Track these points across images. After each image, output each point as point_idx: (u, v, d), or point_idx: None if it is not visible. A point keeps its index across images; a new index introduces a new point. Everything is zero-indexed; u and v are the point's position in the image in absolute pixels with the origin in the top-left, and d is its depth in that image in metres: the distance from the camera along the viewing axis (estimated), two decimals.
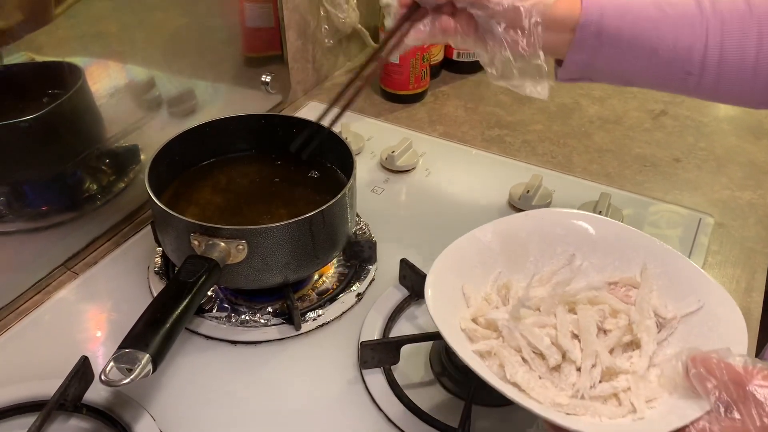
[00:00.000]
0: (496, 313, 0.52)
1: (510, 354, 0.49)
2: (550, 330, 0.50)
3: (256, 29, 0.97)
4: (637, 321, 0.50)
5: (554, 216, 0.58)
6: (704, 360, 0.42)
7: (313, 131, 0.69)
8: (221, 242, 0.61)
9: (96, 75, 0.75)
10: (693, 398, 0.42)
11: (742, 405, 0.40)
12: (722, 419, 0.40)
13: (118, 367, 0.50)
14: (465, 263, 0.54)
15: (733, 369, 0.41)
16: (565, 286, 0.53)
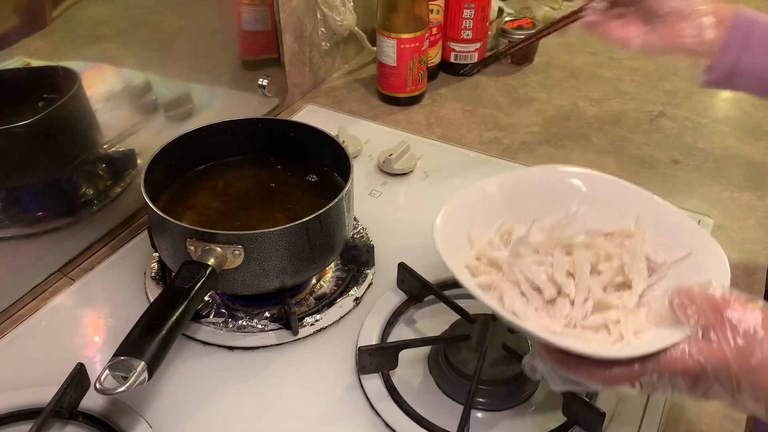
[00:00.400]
0: (497, 252, 0.55)
1: (509, 287, 0.52)
2: (547, 268, 0.52)
3: (253, 32, 0.97)
4: (629, 264, 0.52)
5: (556, 172, 0.61)
6: (687, 291, 0.45)
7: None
8: (217, 247, 0.60)
9: (92, 79, 0.75)
10: (676, 327, 0.45)
11: (719, 329, 0.43)
12: (700, 342, 0.43)
13: (114, 375, 0.49)
14: (470, 212, 0.57)
15: (712, 297, 0.44)
16: (563, 230, 0.55)
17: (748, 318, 0.43)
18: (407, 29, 0.98)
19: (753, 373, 0.42)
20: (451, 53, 1.12)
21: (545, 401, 0.61)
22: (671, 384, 0.44)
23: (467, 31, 1.09)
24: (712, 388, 0.43)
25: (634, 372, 0.45)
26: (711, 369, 0.43)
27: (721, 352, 0.42)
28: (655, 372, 0.44)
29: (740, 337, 0.42)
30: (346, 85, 1.12)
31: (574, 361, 0.46)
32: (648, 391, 0.46)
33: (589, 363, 0.45)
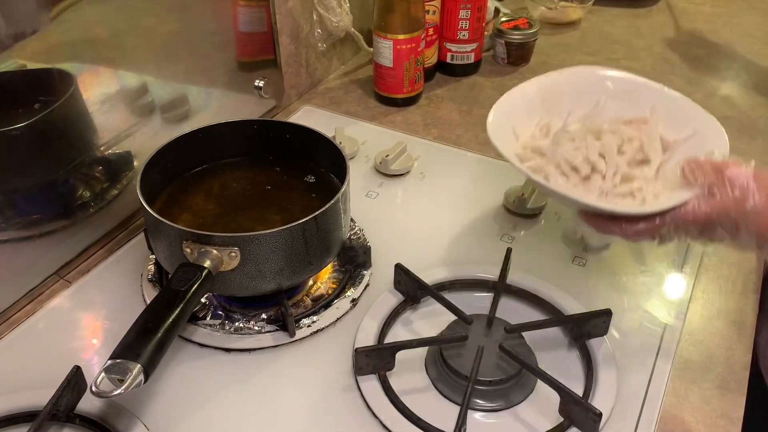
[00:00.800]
0: (540, 141, 0.67)
1: (552, 169, 0.64)
2: (582, 151, 0.64)
3: (249, 34, 0.97)
4: (647, 143, 0.65)
5: (584, 72, 0.73)
6: (694, 159, 0.58)
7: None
8: (213, 249, 0.60)
9: (88, 82, 0.74)
10: (687, 189, 0.57)
11: (720, 185, 0.55)
12: (707, 197, 0.56)
13: (110, 377, 0.49)
14: (513, 111, 0.69)
15: (714, 162, 0.57)
16: (592, 120, 0.68)
17: (742, 175, 0.55)
18: (403, 30, 0.98)
19: (748, 216, 0.54)
20: (448, 54, 1.12)
21: (542, 402, 0.61)
22: (685, 232, 0.57)
23: (463, 32, 1.09)
24: (716, 232, 0.56)
25: (655, 225, 0.57)
26: (716, 216, 0.55)
27: (722, 203, 0.55)
28: (672, 223, 0.57)
29: (737, 189, 0.55)
30: (343, 86, 1.12)
31: (608, 221, 0.59)
32: (666, 240, 0.58)
33: (621, 221, 0.58)
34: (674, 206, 0.56)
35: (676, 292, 0.73)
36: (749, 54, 1.22)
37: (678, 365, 0.65)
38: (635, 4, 1.40)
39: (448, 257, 0.76)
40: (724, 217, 0.55)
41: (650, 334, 0.68)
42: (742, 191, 0.54)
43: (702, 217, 0.56)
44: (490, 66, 1.17)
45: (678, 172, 0.59)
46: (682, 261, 0.77)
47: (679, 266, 0.76)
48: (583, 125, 0.67)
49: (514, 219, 0.82)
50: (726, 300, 0.73)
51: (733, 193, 0.55)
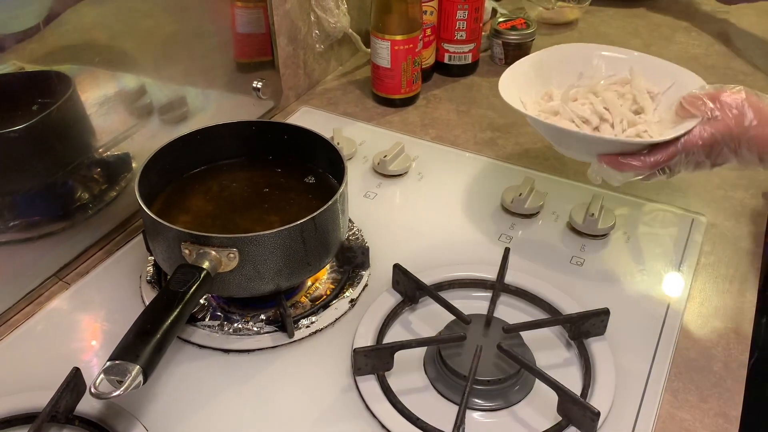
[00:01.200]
0: (551, 103, 0.78)
1: (567, 124, 0.73)
2: (589, 105, 0.75)
3: (247, 35, 0.97)
4: (638, 95, 0.76)
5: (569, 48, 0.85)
6: (690, 93, 0.66)
7: None
8: (212, 251, 0.60)
9: (86, 84, 0.75)
10: (689, 121, 0.66)
11: (719, 109, 0.64)
12: (710, 121, 0.64)
13: (108, 379, 0.50)
14: (517, 84, 0.78)
15: (710, 91, 0.66)
16: (590, 81, 0.80)
17: (736, 98, 0.64)
18: (401, 31, 0.98)
19: (747, 131, 0.62)
20: (445, 54, 1.12)
21: (540, 401, 0.61)
22: (695, 157, 0.65)
23: (461, 32, 1.09)
24: (721, 153, 0.64)
25: (669, 153, 0.65)
26: (720, 136, 0.63)
27: (724, 123, 0.63)
28: (684, 149, 0.64)
29: (734, 110, 0.63)
30: (341, 87, 1.12)
31: (628, 157, 0.66)
32: (676, 170, 0.66)
33: (638, 155, 0.66)
34: (685, 133, 0.64)
35: (674, 291, 0.73)
36: (748, 50, 1.23)
37: (676, 364, 0.65)
38: (632, 4, 1.40)
39: (446, 257, 0.76)
40: (727, 135, 0.63)
41: (648, 333, 0.68)
42: (740, 111, 0.62)
43: (709, 138, 0.63)
44: (488, 66, 1.18)
45: (673, 112, 0.69)
46: (680, 260, 0.77)
47: (677, 265, 0.76)
48: (582, 88, 0.79)
49: (512, 219, 0.83)
50: (723, 299, 0.73)
51: (732, 113, 0.63)
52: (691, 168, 0.66)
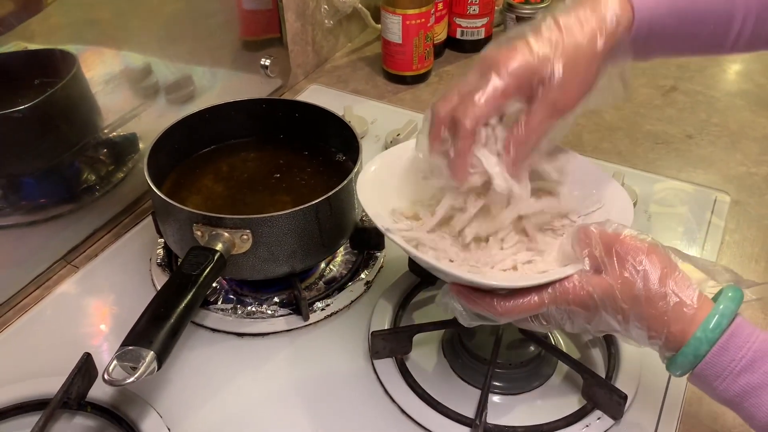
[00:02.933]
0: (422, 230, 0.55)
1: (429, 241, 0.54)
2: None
3: (254, 11, 0.94)
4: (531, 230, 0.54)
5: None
6: (584, 228, 0.48)
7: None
8: (225, 232, 0.59)
9: (90, 62, 0.73)
10: (576, 263, 0.47)
11: (608, 261, 0.46)
12: (591, 274, 0.46)
13: (122, 365, 0.48)
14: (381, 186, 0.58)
15: (604, 233, 0.47)
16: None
17: (634, 252, 0.45)
18: (412, 5, 0.95)
19: (636, 303, 0.44)
20: (458, 29, 1.09)
21: (564, 384, 0.60)
22: (569, 316, 0.47)
23: (474, 6, 1.06)
24: (603, 320, 0.46)
25: (532, 303, 0.47)
26: (598, 298, 0.45)
27: (607, 282, 0.45)
28: (552, 303, 0.46)
29: (626, 269, 0.45)
30: (350, 64, 1.10)
31: (478, 294, 0.48)
32: (552, 325, 0.48)
33: (491, 296, 0.48)
34: (552, 281, 0.46)
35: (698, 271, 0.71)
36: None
37: None
38: None
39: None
40: (609, 300, 0.45)
41: None
42: (632, 272, 0.44)
43: (584, 297, 0.45)
44: None
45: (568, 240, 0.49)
46: (703, 239, 0.75)
47: (701, 244, 0.74)
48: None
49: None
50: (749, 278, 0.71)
51: (621, 273, 0.45)
52: (570, 327, 0.48)
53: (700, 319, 0.43)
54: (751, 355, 0.42)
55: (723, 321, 0.43)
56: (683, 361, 0.44)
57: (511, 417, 0.57)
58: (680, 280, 0.44)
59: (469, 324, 0.51)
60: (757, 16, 0.52)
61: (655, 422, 0.57)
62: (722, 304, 0.44)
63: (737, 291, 0.45)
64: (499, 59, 0.47)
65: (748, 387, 0.42)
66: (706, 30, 0.52)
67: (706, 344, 0.43)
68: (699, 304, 0.44)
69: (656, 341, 0.45)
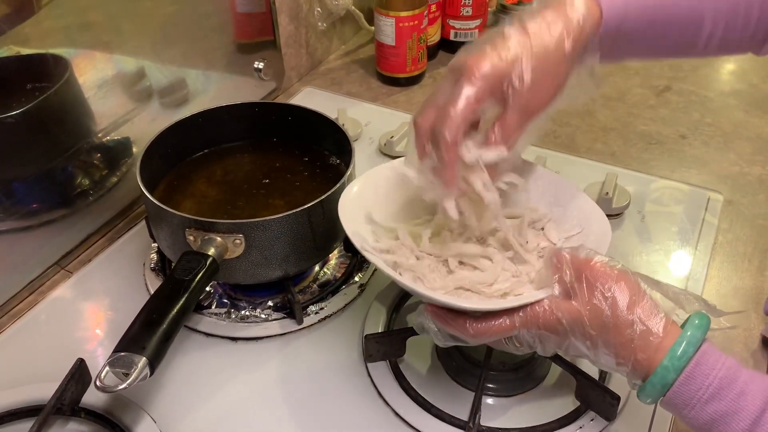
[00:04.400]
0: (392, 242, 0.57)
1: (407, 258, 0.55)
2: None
3: (247, 14, 0.94)
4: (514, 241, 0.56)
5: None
6: (556, 253, 0.48)
7: None
8: (217, 237, 0.59)
9: (83, 66, 0.73)
10: (548, 287, 0.48)
11: (578, 287, 0.46)
12: (561, 299, 0.47)
13: (114, 371, 0.48)
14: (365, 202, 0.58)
15: (576, 258, 0.47)
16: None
17: (603, 278, 0.45)
18: (406, 7, 0.96)
19: (604, 330, 0.45)
20: (451, 31, 1.09)
21: (557, 385, 0.60)
22: (539, 339, 0.48)
23: (467, 8, 1.06)
24: (572, 345, 0.46)
25: (503, 326, 0.47)
26: (567, 323, 0.46)
27: (576, 308, 0.46)
28: (522, 326, 0.47)
29: (595, 296, 0.45)
30: (344, 66, 1.10)
31: (451, 316, 0.49)
32: (523, 347, 0.49)
33: (464, 317, 0.48)
34: (523, 304, 0.47)
35: (691, 271, 0.71)
36: None
37: None
38: None
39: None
40: (578, 327, 0.45)
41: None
42: (600, 299, 0.45)
43: (553, 322, 0.46)
44: None
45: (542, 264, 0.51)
46: (696, 239, 0.75)
47: (694, 244, 0.74)
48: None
49: None
50: (742, 278, 0.71)
51: (590, 299, 0.45)
52: (541, 349, 0.49)
53: (666, 347, 0.44)
54: (717, 383, 0.43)
55: (689, 349, 0.43)
56: (651, 390, 0.45)
57: (504, 419, 0.57)
58: (647, 308, 0.45)
59: (443, 344, 0.51)
60: (726, 21, 0.53)
61: (648, 423, 0.57)
62: (689, 331, 0.44)
63: (704, 318, 0.45)
64: (469, 65, 0.48)
65: (716, 415, 0.43)
66: (674, 32, 0.53)
67: (674, 372, 0.43)
68: (666, 332, 0.44)
69: (624, 368, 0.45)
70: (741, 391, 0.42)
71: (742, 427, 0.42)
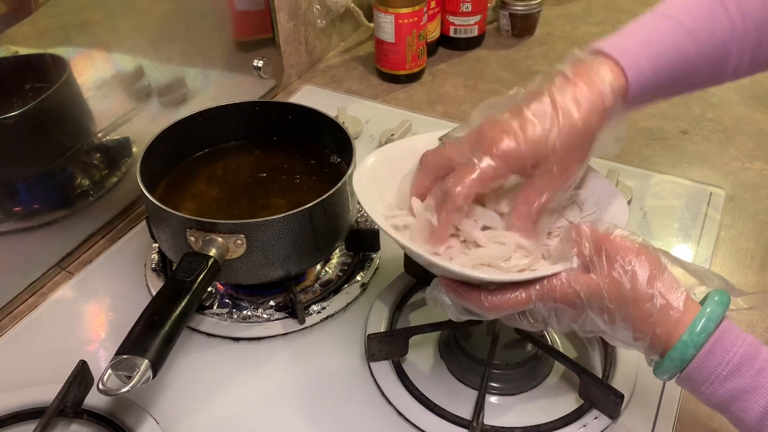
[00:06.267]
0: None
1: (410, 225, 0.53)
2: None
3: (246, 12, 0.94)
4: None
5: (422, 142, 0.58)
6: (575, 227, 0.48)
7: None
8: (219, 237, 0.58)
9: (82, 66, 0.72)
10: (565, 261, 0.47)
11: (597, 260, 0.45)
12: (579, 272, 0.46)
13: (117, 374, 0.48)
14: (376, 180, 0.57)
15: (595, 232, 0.47)
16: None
17: (624, 252, 0.45)
18: (405, 4, 0.95)
19: (623, 304, 0.44)
20: (451, 27, 1.09)
21: (561, 384, 0.60)
22: (555, 313, 0.47)
23: (466, 4, 1.06)
24: (589, 319, 0.46)
25: (519, 299, 0.47)
26: (585, 297, 0.45)
27: (594, 281, 0.45)
28: (539, 299, 0.46)
29: (615, 269, 0.45)
30: (344, 63, 1.09)
31: (466, 289, 0.48)
32: (537, 323, 0.48)
33: (479, 290, 0.47)
34: (540, 277, 0.46)
35: None
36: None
37: None
38: None
39: None
40: (596, 299, 0.45)
41: None
42: (620, 272, 0.44)
43: (570, 295, 0.45)
44: (495, 39, 1.14)
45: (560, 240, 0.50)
46: (699, 235, 0.75)
47: (696, 240, 0.74)
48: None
49: None
50: (745, 274, 0.71)
51: (609, 272, 0.45)
52: (557, 325, 0.48)
53: (686, 322, 0.43)
54: (738, 359, 0.42)
55: (709, 325, 0.43)
56: (670, 365, 0.44)
57: (508, 418, 0.57)
58: (668, 283, 0.44)
59: (457, 318, 0.51)
60: (752, 50, 0.52)
61: (652, 421, 0.57)
62: (709, 308, 0.44)
63: (724, 295, 0.45)
64: (495, 143, 0.47)
65: (734, 391, 0.42)
66: (701, 74, 0.52)
67: (693, 348, 0.43)
68: (686, 307, 0.44)
69: (642, 343, 0.45)
70: (761, 368, 0.42)
71: (762, 403, 0.42)
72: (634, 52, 0.49)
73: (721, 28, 0.51)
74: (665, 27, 0.51)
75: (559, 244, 0.49)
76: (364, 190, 0.54)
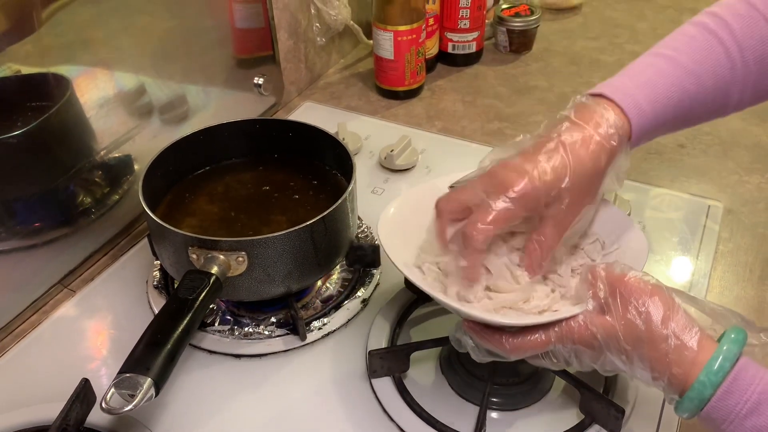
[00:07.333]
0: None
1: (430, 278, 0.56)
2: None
3: (247, 30, 0.95)
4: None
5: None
6: (592, 268, 0.49)
7: None
8: (220, 255, 0.59)
9: (84, 85, 0.73)
10: (579, 305, 0.49)
11: (612, 302, 0.47)
12: (596, 314, 0.47)
13: (120, 393, 0.48)
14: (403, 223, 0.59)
15: (612, 274, 0.48)
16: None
17: (638, 293, 0.46)
18: (403, 21, 0.96)
19: (639, 345, 0.45)
20: (449, 43, 1.10)
21: (562, 399, 0.60)
22: (575, 354, 0.48)
23: (464, 21, 1.07)
24: (608, 359, 0.47)
25: (539, 341, 0.48)
26: (602, 338, 0.46)
27: (610, 323, 0.46)
28: (558, 341, 0.48)
29: (629, 310, 0.46)
30: (343, 80, 1.10)
31: (488, 331, 0.50)
32: (560, 363, 0.50)
33: (501, 332, 0.49)
34: (559, 319, 0.48)
35: (693, 280, 0.72)
36: None
37: None
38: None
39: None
40: (613, 341, 0.46)
41: None
42: (635, 314, 0.46)
43: (588, 337, 0.47)
44: (493, 54, 1.15)
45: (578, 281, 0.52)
46: (697, 249, 0.75)
47: (695, 254, 0.75)
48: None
49: None
50: (744, 287, 0.71)
51: (624, 314, 0.46)
52: (577, 364, 0.49)
53: (702, 361, 0.44)
54: (756, 398, 0.43)
55: (725, 364, 0.43)
56: (689, 405, 0.45)
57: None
58: (682, 323, 0.45)
59: (481, 360, 0.52)
60: (754, 86, 0.53)
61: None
62: (725, 346, 0.44)
63: (740, 332, 0.45)
64: (508, 184, 0.49)
65: (755, 430, 0.43)
66: (703, 110, 0.54)
67: (710, 388, 0.43)
68: (701, 346, 0.44)
69: (660, 382, 0.46)
70: None
71: None
72: (634, 93, 0.51)
73: (720, 67, 0.52)
74: (664, 67, 0.53)
75: (578, 286, 0.51)
76: (389, 239, 0.56)
